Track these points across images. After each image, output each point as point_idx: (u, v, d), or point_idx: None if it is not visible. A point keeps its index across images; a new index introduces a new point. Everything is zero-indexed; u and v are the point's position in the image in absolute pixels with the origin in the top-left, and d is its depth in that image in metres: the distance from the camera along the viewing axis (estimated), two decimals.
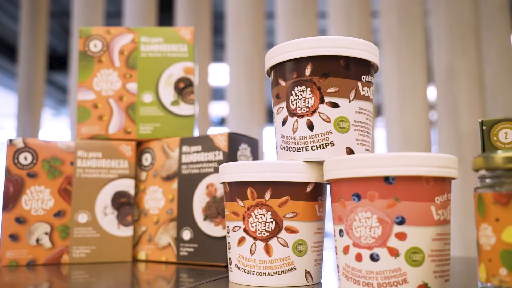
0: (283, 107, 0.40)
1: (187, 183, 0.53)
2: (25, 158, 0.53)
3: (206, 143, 0.53)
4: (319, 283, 0.40)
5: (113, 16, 1.83)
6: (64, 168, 0.54)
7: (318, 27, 1.69)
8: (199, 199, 0.52)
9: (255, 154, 0.55)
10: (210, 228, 0.51)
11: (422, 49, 1.62)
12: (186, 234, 0.52)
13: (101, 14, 1.67)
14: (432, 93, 1.73)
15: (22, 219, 0.52)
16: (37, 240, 0.52)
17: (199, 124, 1.54)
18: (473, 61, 1.63)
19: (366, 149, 0.39)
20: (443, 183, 0.34)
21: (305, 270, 0.38)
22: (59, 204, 0.53)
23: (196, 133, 0.61)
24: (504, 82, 1.63)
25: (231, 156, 0.51)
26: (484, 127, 0.44)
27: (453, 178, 0.35)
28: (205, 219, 0.51)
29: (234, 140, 0.52)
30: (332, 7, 1.65)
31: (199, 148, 0.53)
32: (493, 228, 0.29)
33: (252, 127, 1.39)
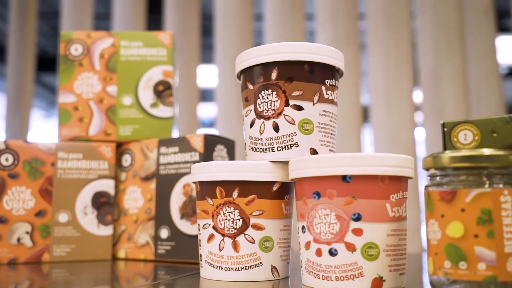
0: (251, 110, 0.42)
1: (164, 183, 0.55)
2: (7, 160, 0.54)
3: (183, 144, 0.54)
4: (287, 278, 0.42)
5: (102, 17, 1.85)
6: (45, 169, 0.55)
7: (305, 29, 1.71)
8: (176, 199, 0.54)
9: (232, 154, 0.57)
10: (187, 227, 0.53)
11: (408, 51, 1.65)
12: (164, 233, 0.54)
13: (90, 16, 1.68)
14: (418, 94, 1.75)
15: (4, 218, 0.53)
16: (18, 239, 0.53)
17: (187, 125, 1.55)
18: (458, 63, 1.66)
19: (330, 150, 0.41)
20: (398, 182, 0.36)
21: (272, 265, 0.40)
22: (40, 204, 0.54)
23: (176, 134, 0.62)
24: (488, 84, 1.66)
25: (207, 156, 0.53)
26: (445, 129, 0.46)
27: (409, 177, 0.37)
28: (181, 218, 0.53)
29: (210, 141, 0.53)
30: (319, 9, 1.68)
31: (176, 149, 0.55)
32: (439, 224, 0.31)
33: (241, 128, 1.40)
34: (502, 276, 0.29)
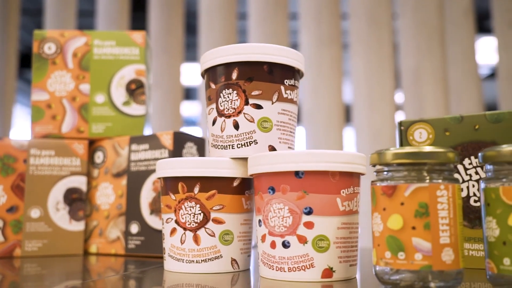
0: (213, 108, 0.43)
1: (135, 180, 0.56)
2: None
3: (153, 141, 0.56)
4: (247, 270, 0.43)
5: (86, 15, 1.85)
6: (17, 165, 0.56)
7: (289, 28, 1.73)
8: (146, 195, 0.55)
9: (202, 152, 0.58)
10: (156, 222, 0.54)
11: (390, 51, 1.67)
12: (134, 228, 0.55)
13: (74, 13, 1.68)
14: (399, 94, 1.78)
15: None
16: None
17: (171, 123, 1.56)
18: (438, 64, 1.69)
19: (289, 147, 0.43)
20: (350, 177, 0.38)
21: (232, 258, 0.42)
22: (12, 200, 0.55)
23: (148, 132, 0.64)
24: (468, 84, 1.69)
25: (176, 154, 0.54)
26: (402, 128, 0.48)
27: (362, 174, 0.39)
28: (151, 213, 0.55)
29: (179, 138, 0.55)
30: (303, 8, 1.69)
31: (146, 146, 0.56)
32: (381, 217, 0.33)
33: None
34: (437, 265, 0.31)
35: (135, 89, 0.61)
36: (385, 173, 0.33)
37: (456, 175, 0.44)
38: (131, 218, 0.56)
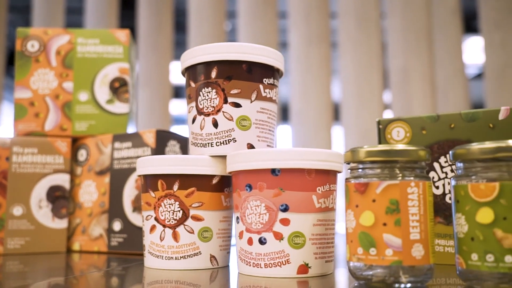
0: (193, 107, 0.44)
1: (118, 178, 0.56)
2: None
3: (136, 139, 0.56)
4: (226, 267, 0.44)
5: (75, 12, 1.84)
6: (0, 163, 0.56)
7: (278, 27, 1.74)
8: (129, 193, 0.55)
9: (185, 150, 0.59)
10: (138, 220, 0.54)
11: (378, 50, 1.69)
12: (117, 225, 0.56)
13: (62, 10, 1.67)
14: (387, 93, 1.79)
15: None
16: None
17: (160, 122, 1.56)
18: (426, 63, 1.70)
19: (268, 145, 0.43)
20: (326, 175, 0.38)
21: (210, 254, 0.42)
22: None
23: (132, 130, 0.64)
24: (455, 83, 1.71)
25: (158, 152, 0.54)
26: (380, 126, 0.48)
27: (338, 172, 0.40)
28: (134, 211, 0.55)
29: (162, 137, 0.55)
30: (292, 7, 1.70)
31: (129, 144, 0.56)
32: (354, 214, 0.33)
33: None
34: (407, 260, 0.32)
35: (118, 87, 0.61)
36: (359, 170, 0.34)
37: (432, 173, 0.45)
38: (113, 216, 0.56)
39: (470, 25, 2.01)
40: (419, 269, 0.32)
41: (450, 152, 0.34)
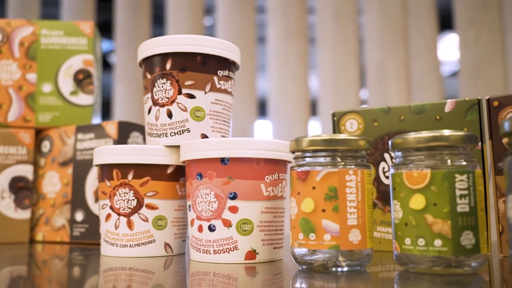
0: (148, 98, 0.44)
1: (81, 168, 0.57)
2: None
3: (98, 131, 0.56)
4: (182, 254, 0.45)
5: (50, 4, 1.82)
6: None
7: (256, 22, 1.74)
8: (91, 183, 0.56)
9: None
10: None
11: (355, 46, 1.71)
12: (79, 216, 0.56)
13: (37, 2, 1.65)
14: (364, 88, 1.82)
15: None
16: None
17: (137, 115, 1.56)
18: (402, 59, 1.73)
19: (222, 135, 0.44)
20: (275, 164, 0.39)
21: (165, 242, 0.43)
22: None
23: (97, 121, 0.64)
24: (430, 79, 1.74)
25: (121, 143, 0.55)
26: (335, 118, 0.50)
27: (288, 161, 0.41)
28: (96, 201, 0.55)
29: (124, 128, 0.56)
30: (270, 2, 1.71)
31: (92, 135, 0.57)
32: (296, 201, 0.35)
33: None
34: (344, 245, 0.33)
35: (82, 79, 0.62)
36: (302, 159, 0.35)
37: (382, 163, 0.47)
38: (76, 206, 0.57)
39: (446, 22, 2.04)
40: (357, 253, 0.34)
41: (389, 141, 0.35)
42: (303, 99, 1.71)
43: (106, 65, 2.20)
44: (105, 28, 1.87)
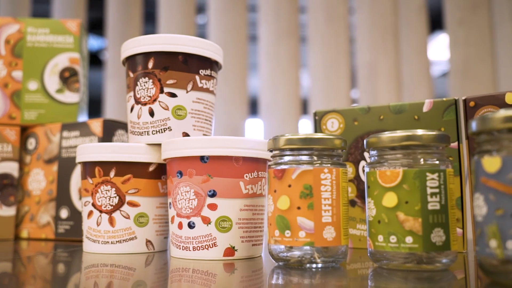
0: (131, 96, 0.45)
1: (66, 166, 0.57)
2: None
3: (84, 129, 0.57)
4: (164, 251, 0.45)
5: (42, 1, 1.81)
6: None
7: (248, 21, 1.75)
8: (76, 181, 0.56)
9: None
10: None
11: (346, 45, 1.71)
12: (64, 213, 0.57)
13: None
14: (354, 87, 1.83)
15: None
16: None
17: (126, 112, 1.56)
18: (392, 59, 1.74)
19: (204, 134, 0.45)
20: (254, 162, 0.40)
21: (146, 239, 0.44)
22: None
23: (83, 119, 0.64)
24: (420, 79, 1.75)
25: (106, 141, 0.55)
26: (316, 117, 0.51)
27: (268, 160, 0.41)
28: (80, 198, 0.56)
29: (109, 126, 0.56)
30: (262, 1, 1.71)
31: (77, 133, 0.57)
32: (273, 198, 0.35)
33: None
34: (318, 242, 0.34)
35: (68, 77, 0.62)
36: (279, 157, 0.36)
37: (362, 162, 0.47)
38: (61, 203, 0.57)
39: (437, 23, 2.06)
40: (332, 250, 0.34)
41: (364, 140, 0.36)
42: (294, 97, 1.71)
43: (98, 63, 2.20)
44: (96, 25, 1.87)
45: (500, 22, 1.74)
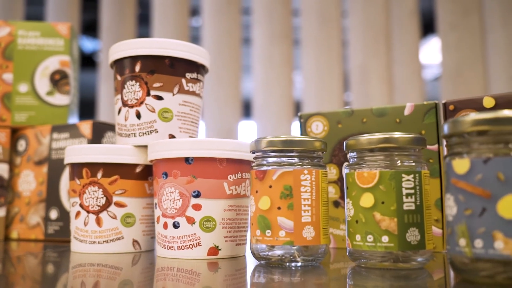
0: (118, 99, 0.46)
1: (55, 167, 0.58)
2: None
3: (73, 130, 0.58)
4: (151, 251, 0.46)
5: (35, 3, 1.82)
6: None
7: (241, 23, 1.76)
8: (66, 182, 0.57)
9: None
10: None
11: (339, 48, 1.73)
12: (53, 214, 0.57)
13: (22, 1, 1.65)
14: (347, 90, 1.84)
15: None
16: None
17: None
18: (384, 62, 1.75)
19: (190, 136, 0.46)
20: (238, 164, 0.41)
21: (133, 239, 0.44)
22: None
23: (73, 121, 0.65)
24: (412, 82, 1.77)
25: (94, 142, 0.56)
26: (301, 120, 0.52)
27: (252, 161, 0.42)
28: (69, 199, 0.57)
29: (98, 128, 0.57)
30: (255, 3, 1.73)
31: (67, 135, 0.58)
32: (255, 199, 0.36)
33: None
34: (298, 241, 0.35)
35: (59, 79, 0.63)
36: (261, 159, 0.37)
37: (345, 164, 0.48)
38: (50, 204, 0.58)
39: (429, 26, 2.08)
40: (311, 249, 0.35)
41: (344, 142, 0.37)
42: (287, 99, 1.73)
43: (92, 64, 2.20)
44: (90, 27, 1.87)
45: (492, 26, 1.76)
